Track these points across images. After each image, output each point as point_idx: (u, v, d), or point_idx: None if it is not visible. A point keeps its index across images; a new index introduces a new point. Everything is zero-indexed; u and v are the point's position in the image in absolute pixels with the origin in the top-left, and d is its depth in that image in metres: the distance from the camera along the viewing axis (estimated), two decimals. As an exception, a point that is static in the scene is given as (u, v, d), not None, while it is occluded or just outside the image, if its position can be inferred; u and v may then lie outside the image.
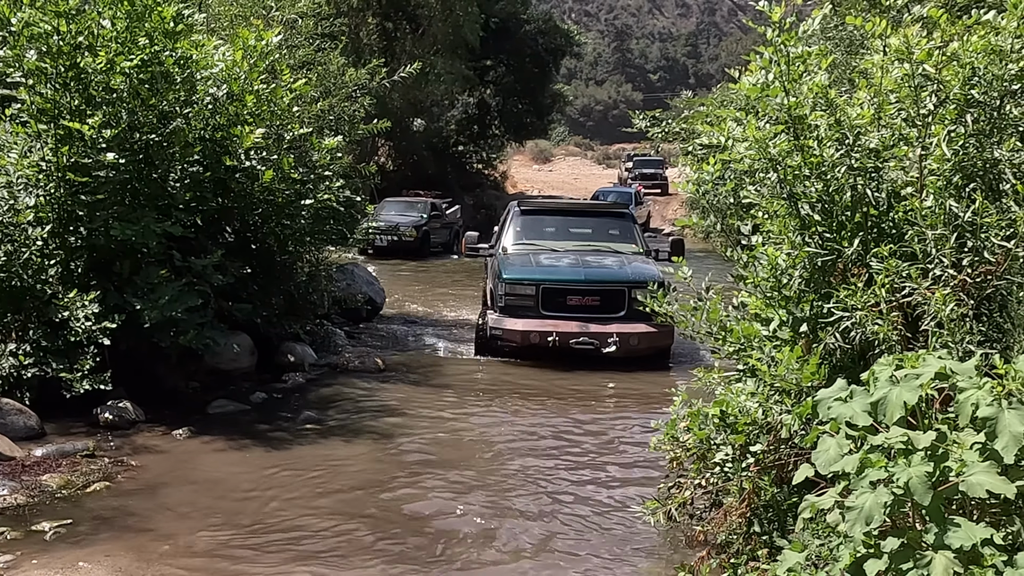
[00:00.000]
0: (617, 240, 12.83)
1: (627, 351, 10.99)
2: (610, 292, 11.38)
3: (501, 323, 11.41)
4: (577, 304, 11.35)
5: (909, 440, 3.15)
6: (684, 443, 5.34)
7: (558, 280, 11.49)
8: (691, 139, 12.33)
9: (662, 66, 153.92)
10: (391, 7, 33.19)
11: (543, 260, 12.06)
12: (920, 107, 4.59)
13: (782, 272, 4.92)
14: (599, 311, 11.30)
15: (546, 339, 11.02)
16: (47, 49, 8.27)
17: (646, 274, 10.84)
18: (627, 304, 11.22)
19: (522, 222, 13.26)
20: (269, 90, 9.69)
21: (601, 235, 12.98)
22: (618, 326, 11.06)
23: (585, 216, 13.86)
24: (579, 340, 11.01)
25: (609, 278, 11.53)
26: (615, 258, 12.18)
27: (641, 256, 12.34)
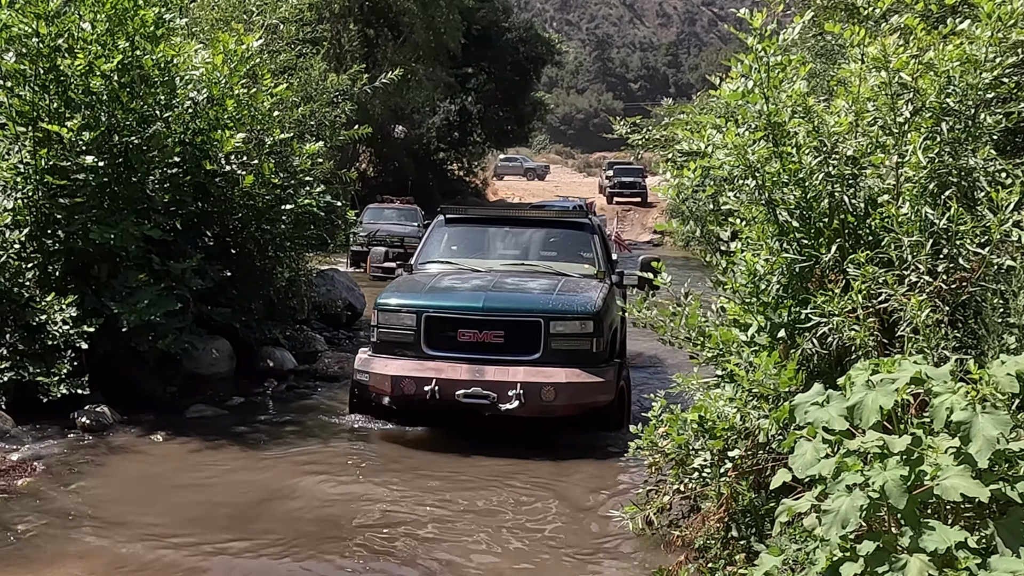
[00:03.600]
0: (568, 258, 9.57)
1: (538, 409, 7.81)
2: (518, 325, 8.00)
3: (368, 365, 8.25)
4: (472, 341, 8.04)
5: (885, 444, 3.18)
6: (663, 448, 5.36)
7: (447, 307, 8.19)
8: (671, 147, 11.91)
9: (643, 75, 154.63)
10: (373, 14, 33.25)
11: (443, 282, 8.80)
12: (897, 115, 4.64)
13: (760, 278, 4.96)
14: (504, 351, 7.97)
15: (423, 389, 7.79)
16: (26, 51, 8.24)
17: (574, 304, 8.05)
18: (543, 342, 7.91)
19: (447, 234, 10.07)
20: (250, 95, 9.67)
21: (549, 251, 9.77)
22: (528, 372, 7.78)
23: (531, 227, 10.11)
24: (468, 392, 7.72)
25: (518, 306, 8.12)
26: (548, 281, 8.75)
27: (594, 280, 9.01)
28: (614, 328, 8.65)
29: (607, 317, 8.23)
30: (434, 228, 10.24)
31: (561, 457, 7.76)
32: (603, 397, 7.96)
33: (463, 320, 8.09)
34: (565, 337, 7.90)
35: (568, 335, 7.91)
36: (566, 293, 8.33)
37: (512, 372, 7.80)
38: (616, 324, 8.84)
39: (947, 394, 3.17)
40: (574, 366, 7.83)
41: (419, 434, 8.42)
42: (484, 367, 7.88)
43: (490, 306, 8.07)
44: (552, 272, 9.15)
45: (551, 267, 9.30)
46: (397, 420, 8.68)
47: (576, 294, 8.32)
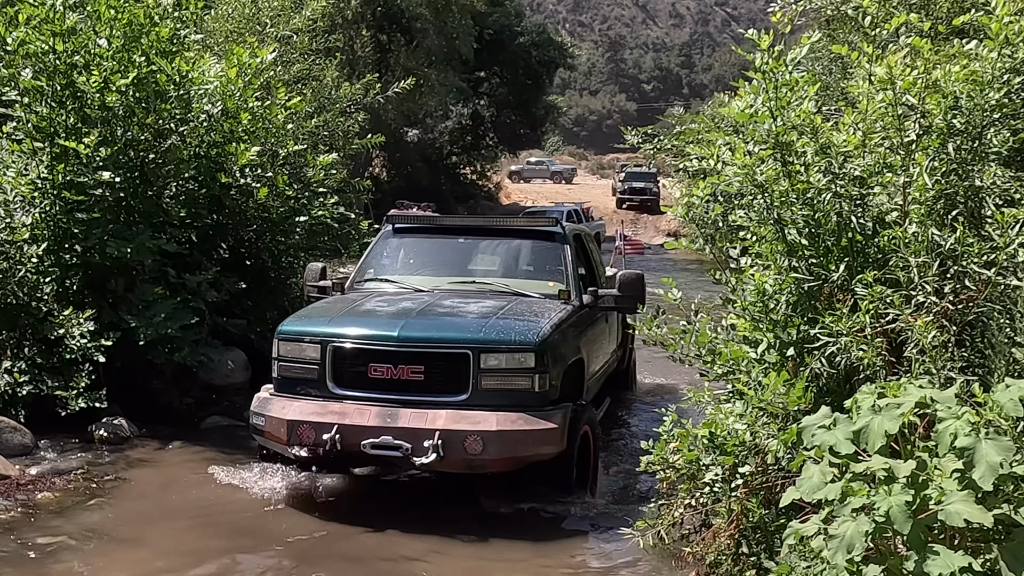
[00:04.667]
0: (533, 273, 8.16)
1: (462, 464, 6.36)
2: (442, 359, 6.58)
3: (265, 407, 6.83)
4: (386, 378, 6.60)
5: (890, 468, 3.22)
6: (673, 464, 5.40)
7: (356, 337, 6.72)
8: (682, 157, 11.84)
9: (656, 76, 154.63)
10: (385, 19, 33.38)
11: (364, 305, 7.37)
12: (903, 135, 4.68)
13: (769, 296, 4.99)
14: (426, 390, 6.56)
15: (321, 437, 6.38)
16: (43, 68, 8.35)
17: (511, 332, 6.60)
18: (472, 379, 6.47)
19: (393, 247, 8.57)
20: (264, 107, 9.76)
21: (511, 266, 8.30)
22: (451, 417, 6.35)
23: (491, 238, 8.59)
24: (376, 442, 6.31)
25: (441, 335, 6.70)
26: (494, 304, 7.26)
27: (555, 302, 7.51)
28: (579, 360, 7.29)
29: (559, 347, 6.80)
30: (379, 240, 8.63)
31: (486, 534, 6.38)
32: (547, 449, 6.42)
33: (375, 352, 6.62)
34: (499, 373, 6.48)
35: (503, 371, 6.48)
36: (508, 318, 6.83)
37: (431, 417, 6.33)
38: (587, 355, 7.52)
39: (951, 419, 3.22)
40: (511, 409, 6.38)
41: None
42: (399, 410, 6.41)
43: (407, 335, 6.59)
44: (508, 292, 7.61)
45: (509, 285, 7.75)
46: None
47: (519, 320, 6.83)
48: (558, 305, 7.39)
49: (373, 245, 8.62)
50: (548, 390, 6.58)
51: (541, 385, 6.53)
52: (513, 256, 8.41)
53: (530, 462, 6.47)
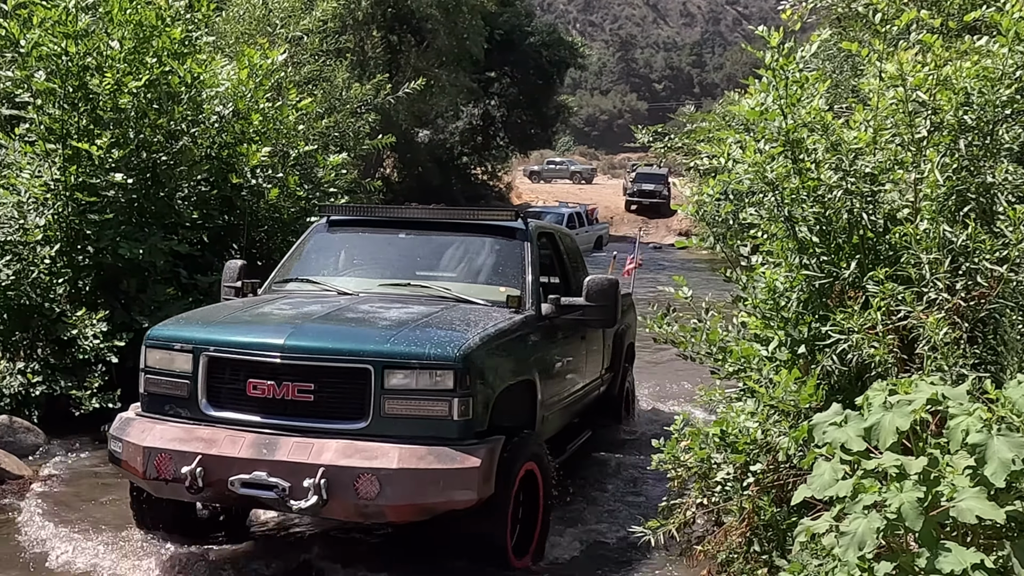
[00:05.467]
0: (484, 277, 6.77)
1: (353, 510, 5.13)
2: (337, 375, 5.31)
3: (124, 430, 5.62)
4: (267, 397, 5.32)
5: (902, 465, 3.21)
6: (685, 462, 5.40)
7: (234, 346, 5.46)
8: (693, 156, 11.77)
9: (667, 75, 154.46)
10: (396, 20, 33.44)
11: (259, 309, 6.10)
12: (914, 132, 4.66)
13: (780, 294, 4.99)
14: (316, 414, 5.29)
15: (181, 470, 5.17)
16: (55, 69, 8.39)
17: (426, 344, 5.28)
18: (373, 403, 5.21)
19: (323, 243, 7.25)
20: (275, 108, 9.80)
21: (458, 268, 6.94)
22: (341, 451, 5.10)
23: (441, 233, 7.11)
24: (248, 479, 5.08)
25: (337, 346, 5.38)
26: (421, 310, 5.93)
27: (501, 310, 6.15)
28: (526, 382, 6.07)
29: (492, 365, 5.53)
30: (310, 234, 7.31)
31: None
32: (463, 494, 5.09)
33: (255, 365, 5.33)
34: (408, 396, 5.21)
35: (413, 393, 5.21)
36: (428, 328, 5.53)
37: (318, 449, 5.08)
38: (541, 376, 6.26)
39: (963, 416, 3.21)
40: (421, 442, 5.12)
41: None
42: (279, 439, 5.16)
43: (295, 345, 5.27)
44: (450, 297, 6.33)
45: (451, 289, 6.43)
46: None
47: (442, 330, 5.52)
48: (504, 315, 6.04)
49: (302, 240, 7.30)
50: (472, 418, 5.23)
51: (462, 411, 5.19)
52: (462, 255, 6.95)
53: (441, 512, 5.16)
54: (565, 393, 7.04)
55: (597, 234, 34.81)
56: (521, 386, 6.02)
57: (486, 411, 5.38)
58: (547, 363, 6.51)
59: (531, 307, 6.34)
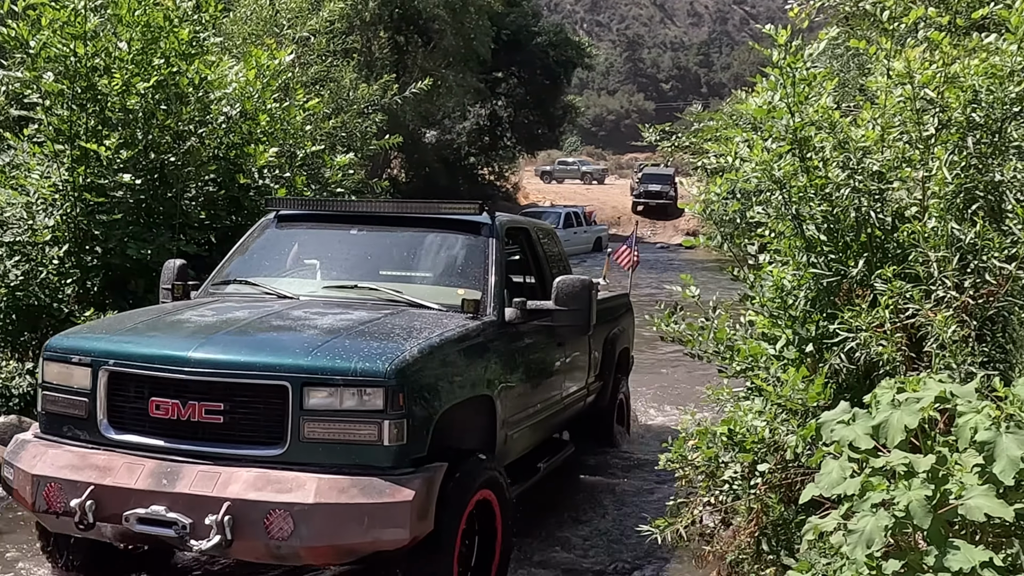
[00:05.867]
0: (442, 278, 6.11)
1: (263, 551, 4.49)
2: (249, 393, 4.67)
3: (17, 455, 4.95)
4: (172, 419, 4.69)
5: (910, 463, 3.20)
6: (692, 461, 5.39)
7: (136, 358, 4.80)
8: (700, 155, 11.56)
9: (674, 75, 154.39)
10: (403, 21, 33.50)
11: (177, 315, 5.44)
12: (922, 130, 4.65)
13: (788, 292, 4.98)
14: (226, 439, 4.67)
15: (70, 503, 4.55)
16: (64, 70, 8.42)
17: (352, 357, 4.62)
18: (291, 425, 4.58)
19: (268, 240, 6.63)
20: (282, 109, 9.82)
21: (413, 267, 6.25)
22: (252, 481, 4.49)
23: (395, 229, 6.45)
24: (143, 514, 4.47)
25: (251, 360, 4.70)
26: (360, 316, 5.31)
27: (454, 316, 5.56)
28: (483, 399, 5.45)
29: (435, 380, 4.88)
30: (255, 231, 6.72)
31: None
32: (393, 534, 4.43)
33: (160, 381, 4.68)
34: (331, 417, 4.53)
35: (337, 413, 4.53)
36: (360, 337, 4.88)
37: (225, 480, 4.45)
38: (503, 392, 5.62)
39: (971, 413, 3.20)
40: (346, 471, 4.48)
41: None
42: (182, 468, 4.53)
43: (205, 358, 4.63)
44: (400, 301, 5.69)
45: (402, 291, 5.78)
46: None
47: (376, 340, 4.84)
48: (457, 321, 5.40)
49: (246, 237, 6.69)
50: (407, 443, 4.57)
51: (395, 435, 4.52)
52: (419, 252, 6.30)
53: (368, 554, 4.52)
54: (537, 408, 6.36)
55: (596, 235, 34.53)
56: (476, 403, 5.36)
57: (426, 434, 4.68)
58: (511, 375, 5.78)
59: (492, 312, 5.67)
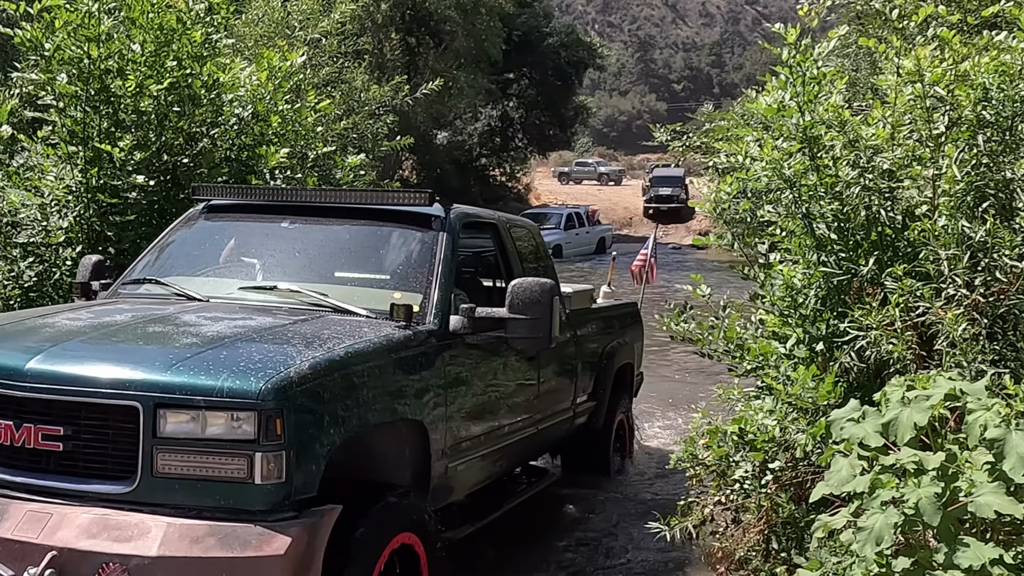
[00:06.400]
0: (376, 280, 5.31)
1: None
2: (95, 415, 3.77)
3: None
4: (2, 443, 3.84)
5: (920, 461, 3.21)
6: (703, 460, 5.40)
7: None
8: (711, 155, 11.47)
9: (686, 76, 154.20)
10: (414, 23, 33.57)
11: (42, 319, 4.66)
12: (932, 128, 4.65)
13: (798, 291, 4.98)
14: (67, 470, 3.80)
15: None
16: (78, 73, 8.46)
17: (222, 373, 3.74)
18: (142, 455, 3.68)
19: (192, 234, 5.92)
20: (293, 110, 9.84)
21: (347, 265, 5.43)
22: (88, 525, 3.60)
23: (331, 221, 5.60)
24: None
25: (95, 376, 3.79)
26: (258, 324, 4.53)
27: (382, 327, 4.63)
28: (414, 426, 4.60)
29: (329, 403, 3.93)
30: (181, 223, 6.08)
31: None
32: None
33: None
34: (191, 447, 3.68)
35: (198, 443, 3.68)
36: (240, 349, 4.00)
37: (55, 523, 3.62)
38: (443, 417, 4.76)
39: (981, 411, 3.20)
40: (207, 515, 3.65)
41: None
42: (10, 505, 3.73)
43: (42, 371, 3.82)
44: (325, 305, 4.84)
45: (328, 294, 4.92)
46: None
47: (261, 352, 3.97)
48: (383, 330, 4.52)
49: (168, 231, 6.06)
50: (288, 481, 3.68)
51: (270, 471, 3.64)
52: (357, 249, 5.44)
53: None
54: (498, 433, 5.50)
55: (599, 236, 34.17)
56: (402, 429, 4.55)
57: (316, 469, 3.78)
58: (455, 396, 4.87)
59: (433, 320, 4.80)
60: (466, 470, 5.12)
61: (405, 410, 4.49)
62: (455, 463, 4.95)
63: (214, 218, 5.94)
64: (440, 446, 4.75)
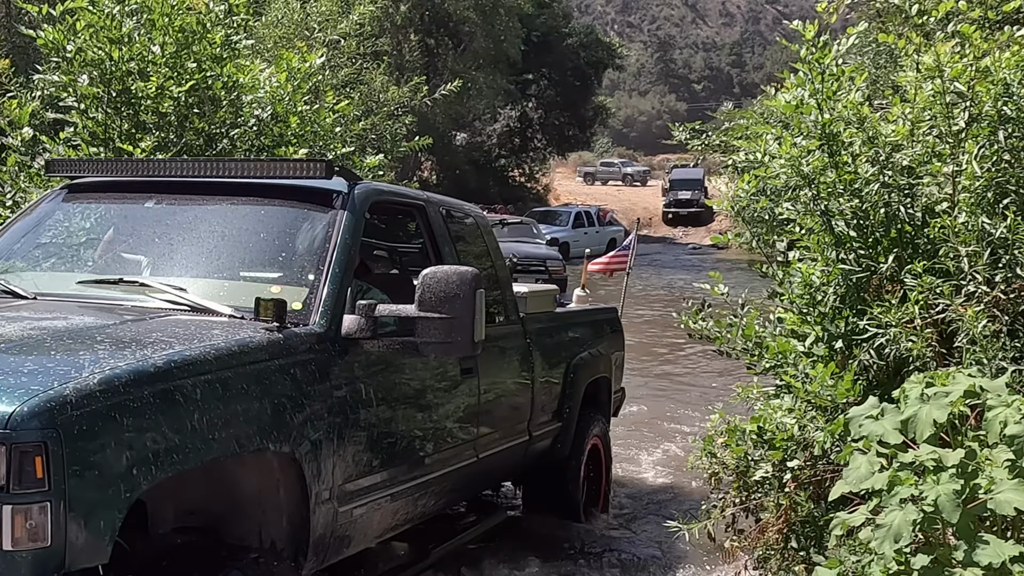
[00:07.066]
0: (250, 271, 4.23)
1: None
2: None
3: None
4: None
5: (939, 458, 3.18)
6: (722, 459, 5.38)
7: None
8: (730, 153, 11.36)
9: (706, 76, 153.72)
10: (433, 24, 33.64)
11: None
12: (952, 124, 4.61)
13: (816, 289, 4.95)
14: None
15: None
16: (99, 74, 8.53)
17: None
18: None
19: (47, 218, 4.84)
20: (312, 111, 9.88)
21: (219, 255, 4.27)
22: None
23: (213, 201, 4.49)
24: None
25: None
26: (72, 324, 3.52)
27: (239, 330, 3.56)
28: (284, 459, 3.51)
29: (133, 427, 2.85)
30: (34, 205, 5.08)
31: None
32: None
33: None
34: None
35: None
36: (10, 357, 3.05)
37: None
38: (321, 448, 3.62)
39: (1001, 407, 3.17)
40: None
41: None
42: None
43: None
44: (177, 303, 3.90)
45: (186, 290, 3.96)
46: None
47: (37, 363, 3.00)
48: (238, 333, 3.54)
49: (19, 214, 5.08)
50: (51, 546, 2.63)
51: (25, 532, 2.61)
52: (231, 232, 4.34)
53: None
54: (414, 466, 4.36)
55: (610, 236, 33.97)
56: (262, 463, 3.48)
57: (107, 527, 2.75)
58: (348, 418, 3.79)
59: (320, 320, 3.80)
60: (369, 514, 4.03)
61: (266, 439, 3.30)
62: (352, 506, 3.81)
63: (75, 198, 4.89)
64: (326, 485, 3.62)
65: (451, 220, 5.29)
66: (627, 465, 8.09)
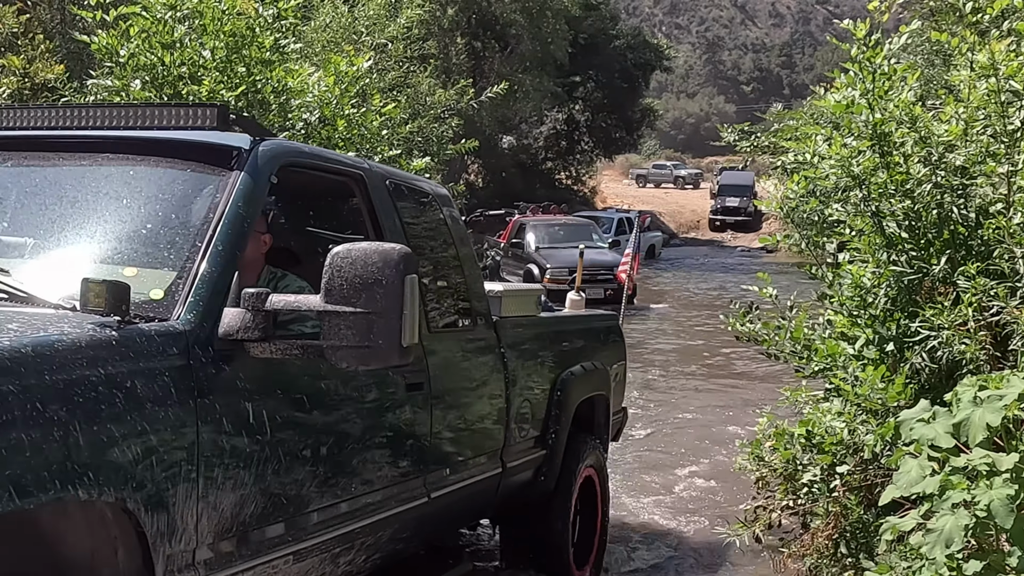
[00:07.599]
0: (114, 250, 3.02)
1: None
2: None
3: None
4: None
5: (992, 462, 3.12)
6: (770, 463, 5.33)
7: None
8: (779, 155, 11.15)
9: (755, 77, 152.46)
10: (480, 26, 33.75)
11: None
12: (1007, 123, 4.53)
13: (867, 291, 4.89)
14: None
15: None
16: (151, 79, 8.67)
17: None
18: None
19: None
20: (360, 114, 9.96)
21: (68, 226, 3.15)
22: None
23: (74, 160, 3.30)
24: None
25: None
26: None
27: (62, 323, 2.47)
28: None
29: None
30: None
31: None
32: None
33: None
34: None
35: None
36: None
37: None
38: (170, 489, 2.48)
39: (1057, 412, 3.10)
40: None
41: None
42: None
43: None
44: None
45: (8, 272, 2.84)
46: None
47: None
48: (46, 331, 2.42)
49: None
50: None
51: None
52: (84, 200, 3.27)
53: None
54: (329, 513, 3.21)
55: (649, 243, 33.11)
56: (106, 514, 2.42)
57: None
58: (218, 453, 2.68)
59: (185, 315, 2.75)
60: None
61: (71, 484, 2.20)
62: (232, 572, 2.76)
63: None
64: (185, 544, 2.56)
65: (401, 197, 4.05)
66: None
